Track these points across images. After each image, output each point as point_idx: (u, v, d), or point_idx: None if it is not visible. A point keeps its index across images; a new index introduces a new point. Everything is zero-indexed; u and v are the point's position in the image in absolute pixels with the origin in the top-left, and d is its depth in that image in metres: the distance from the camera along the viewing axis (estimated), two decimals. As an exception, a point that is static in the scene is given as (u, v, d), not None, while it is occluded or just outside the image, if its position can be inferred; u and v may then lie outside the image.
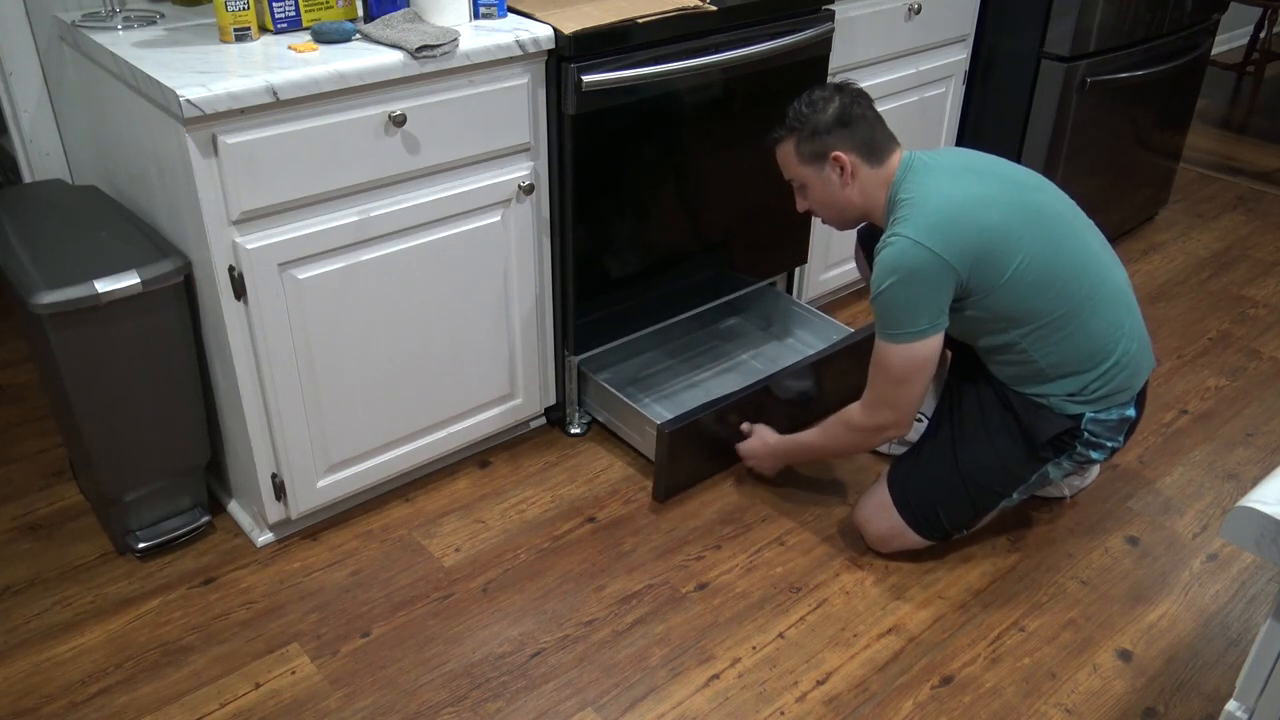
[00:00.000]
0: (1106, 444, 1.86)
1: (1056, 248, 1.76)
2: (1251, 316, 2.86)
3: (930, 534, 1.94)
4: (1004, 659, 1.79)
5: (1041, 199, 1.80)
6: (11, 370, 2.52)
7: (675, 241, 2.26)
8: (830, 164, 1.83)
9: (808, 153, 1.85)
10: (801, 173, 1.88)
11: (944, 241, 1.71)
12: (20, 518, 2.06)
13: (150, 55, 1.70)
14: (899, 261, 1.72)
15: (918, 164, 1.81)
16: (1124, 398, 1.84)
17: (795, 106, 1.86)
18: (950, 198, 1.74)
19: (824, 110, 1.82)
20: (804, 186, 1.90)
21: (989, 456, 1.88)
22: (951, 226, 1.72)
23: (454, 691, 1.71)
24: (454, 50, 1.77)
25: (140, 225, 1.85)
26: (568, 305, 2.16)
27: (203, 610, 1.86)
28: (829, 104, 1.82)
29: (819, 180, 1.87)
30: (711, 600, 1.90)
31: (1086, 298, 1.78)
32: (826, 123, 1.82)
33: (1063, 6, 2.66)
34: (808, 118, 1.83)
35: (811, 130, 1.83)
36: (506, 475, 2.22)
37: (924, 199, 1.75)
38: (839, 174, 1.84)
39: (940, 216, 1.72)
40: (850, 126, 1.82)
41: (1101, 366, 1.80)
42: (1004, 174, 1.82)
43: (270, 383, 1.81)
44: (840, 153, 1.82)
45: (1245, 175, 3.81)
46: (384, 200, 1.82)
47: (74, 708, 1.67)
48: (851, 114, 1.82)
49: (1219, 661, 1.79)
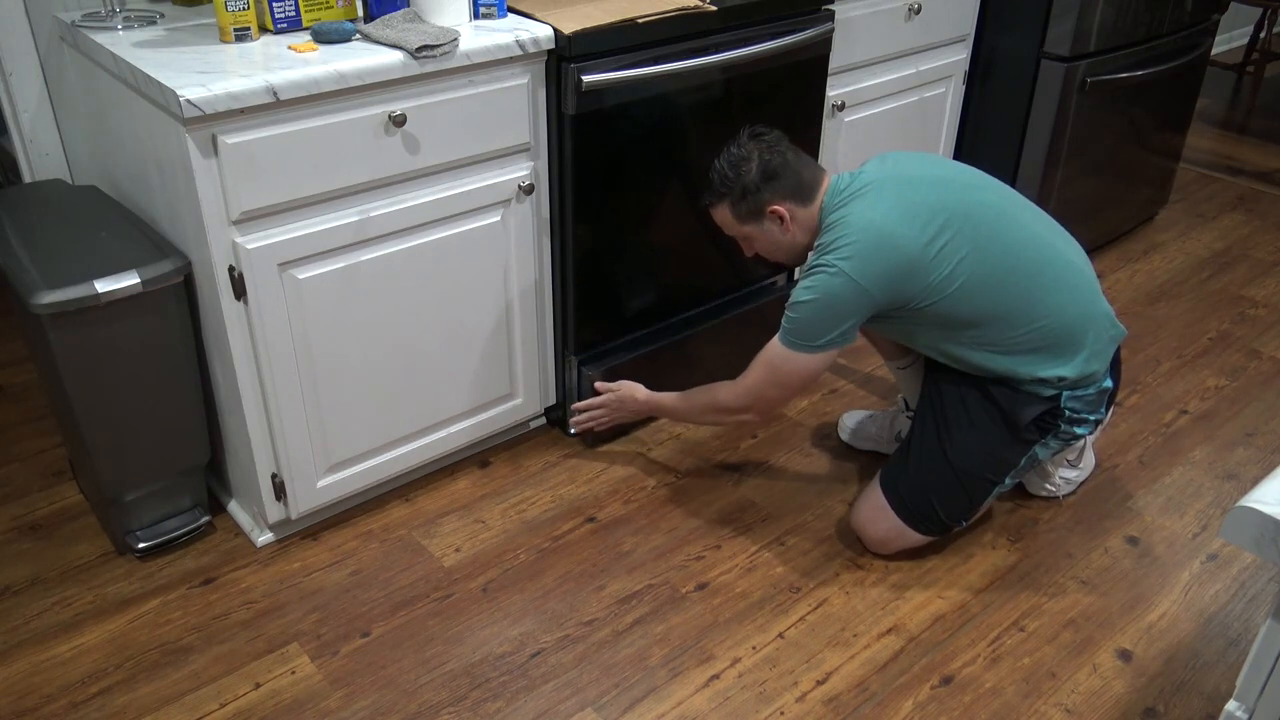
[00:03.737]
0: (1089, 418, 1.91)
1: (990, 244, 1.79)
2: (1251, 316, 2.86)
3: (929, 529, 1.95)
4: (1004, 659, 1.79)
5: (974, 197, 1.82)
6: (11, 370, 2.52)
7: (675, 241, 2.26)
8: (769, 218, 1.88)
9: (744, 212, 1.89)
10: (743, 230, 1.93)
11: (863, 268, 1.75)
12: (20, 518, 2.06)
13: (150, 55, 1.70)
14: (819, 286, 1.78)
15: (842, 187, 1.85)
16: (1099, 375, 1.88)
17: (719, 169, 1.88)
18: (870, 223, 1.77)
19: (748, 171, 1.85)
20: (748, 239, 1.95)
21: (976, 445, 1.91)
22: (873, 252, 1.76)
23: (454, 691, 1.71)
24: (454, 50, 1.77)
25: (140, 225, 1.85)
26: (568, 305, 2.16)
27: (203, 610, 1.86)
28: (749, 163, 1.85)
29: (761, 233, 1.92)
30: (711, 600, 1.90)
31: (1036, 286, 1.81)
32: (754, 181, 1.85)
33: (1063, 7, 2.66)
34: (735, 181, 1.86)
35: (742, 191, 1.86)
36: (506, 475, 2.22)
37: (845, 224, 1.79)
38: (779, 224, 1.89)
39: (862, 242, 1.76)
40: (777, 178, 1.85)
41: (1073, 356, 1.84)
42: (934, 176, 1.84)
43: (270, 383, 1.81)
44: (775, 205, 1.86)
45: (1245, 175, 3.81)
46: (384, 200, 1.82)
47: (74, 708, 1.67)
48: (773, 166, 1.85)
49: (1219, 661, 1.79)
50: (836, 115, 2.50)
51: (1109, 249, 3.23)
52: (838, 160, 2.56)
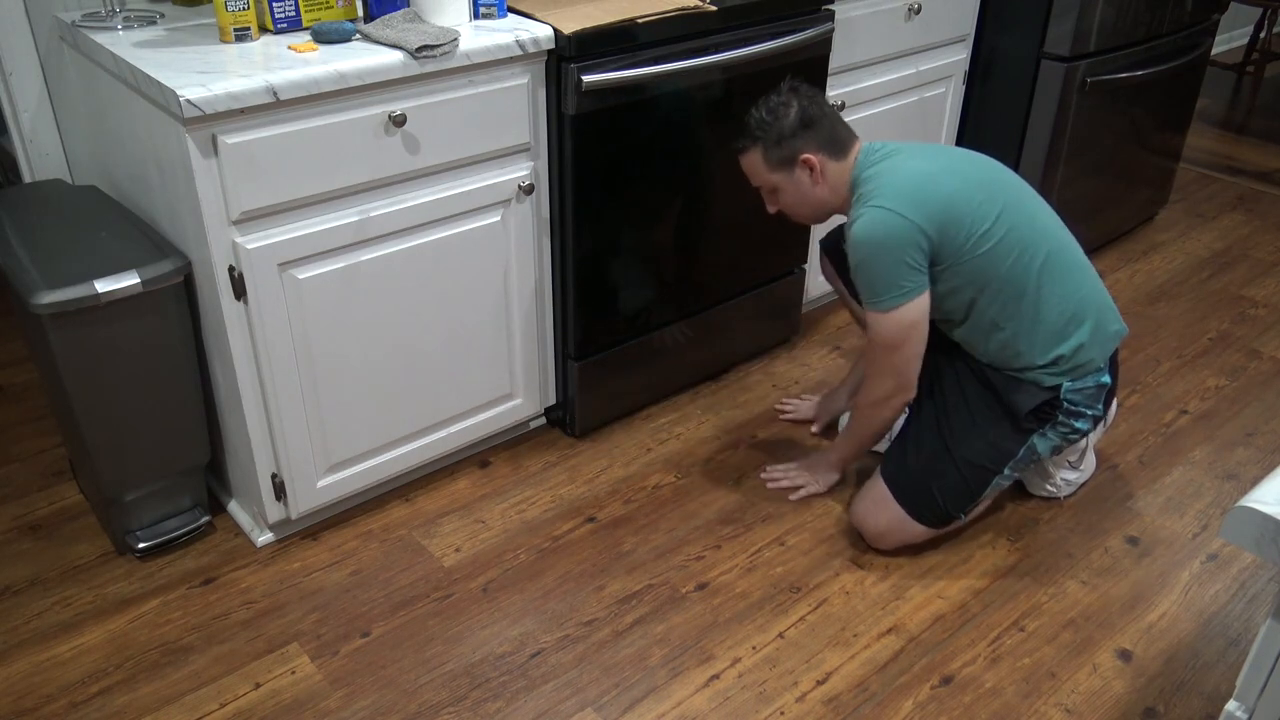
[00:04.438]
0: (1087, 412, 1.92)
1: (1017, 215, 1.84)
2: (1251, 316, 2.86)
3: (930, 520, 1.95)
4: (1004, 659, 1.79)
5: (999, 176, 1.89)
6: (11, 370, 2.52)
7: (675, 241, 2.26)
8: (800, 166, 1.88)
9: (776, 159, 1.89)
10: (772, 179, 1.92)
11: (911, 206, 1.77)
12: (20, 518, 2.06)
13: (150, 55, 1.70)
14: (871, 230, 1.78)
15: (875, 149, 1.89)
16: (1099, 363, 1.90)
17: (756, 115, 1.88)
18: (913, 170, 1.82)
19: (786, 115, 1.85)
20: (775, 191, 1.95)
21: (975, 433, 1.93)
22: (917, 193, 1.79)
23: (454, 691, 1.71)
24: (454, 50, 1.77)
25: (140, 225, 1.85)
26: (568, 305, 2.16)
27: (203, 610, 1.86)
28: (789, 108, 1.86)
29: (790, 183, 1.91)
30: (711, 600, 1.90)
31: (1054, 264, 1.86)
32: (791, 126, 1.85)
33: (1063, 7, 2.66)
34: (771, 125, 1.87)
35: (777, 136, 1.87)
36: (506, 475, 2.22)
37: (886, 174, 1.82)
38: (809, 174, 1.89)
39: (905, 184, 1.80)
40: (814, 127, 1.86)
41: (1077, 336, 1.87)
42: (959, 154, 1.90)
43: (270, 383, 1.81)
44: (809, 154, 1.87)
45: (1245, 175, 3.81)
46: (384, 200, 1.82)
47: (74, 708, 1.67)
48: (812, 114, 1.86)
49: (1219, 661, 1.79)
50: (836, 115, 2.50)
51: (1109, 249, 3.23)
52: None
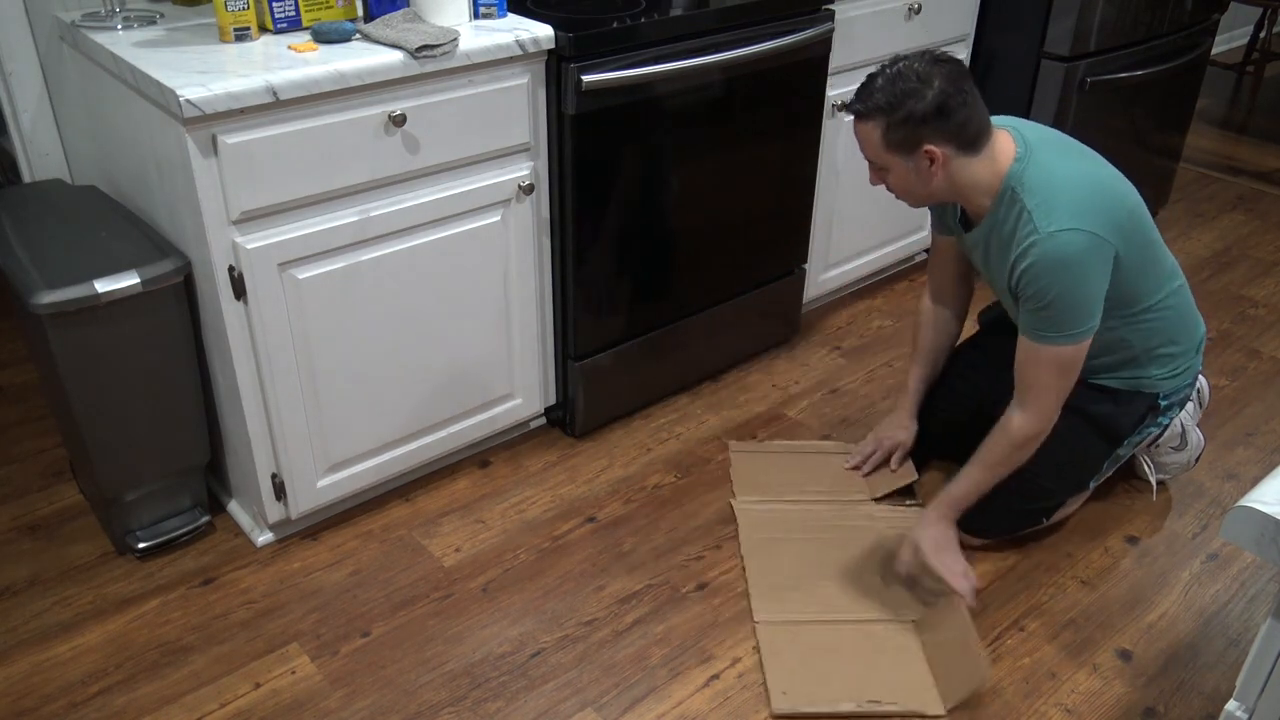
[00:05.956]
0: (1176, 405, 1.92)
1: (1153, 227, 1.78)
2: (1251, 316, 2.86)
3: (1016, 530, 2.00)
4: (1004, 659, 1.79)
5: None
6: (11, 370, 2.52)
7: (675, 241, 2.26)
8: (921, 155, 1.66)
9: (895, 140, 1.65)
10: (885, 158, 1.69)
11: (1095, 220, 1.62)
12: (20, 518, 2.06)
13: (150, 55, 1.70)
14: (1065, 254, 1.60)
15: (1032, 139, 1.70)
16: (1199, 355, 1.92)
17: (887, 85, 1.62)
18: (1083, 174, 1.67)
19: (922, 97, 1.60)
20: (884, 169, 1.72)
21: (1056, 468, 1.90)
22: (1099, 202, 1.64)
23: (454, 691, 1.71)
24: (454, 50, 1.77)
25: (140, 225, 1.85)
26: (568, 305, 2.16)
27: (203, 610, 1.86)
28: (928, 88, 1.60)
29: (904, 168, 1.69)
30: (711, 600, 1.90)
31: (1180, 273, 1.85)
32: (924, 111, 1.61)
33: (1063, 6, 2.66)
34: (900, 103, 1.61)
35: (905, 117, 1.62)
36: (506, 475, 2.22)
37: (1055, 183, 1.65)
38: (929, 165, 1.66)
39: (1090, 189, 1.65)
40: (949, 116, 1.61)
41: (1195, 336, 1.88)
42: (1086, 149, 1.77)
43: (270, 383, 1.81)
44: (933, 145, 1.64)
45: (1245, 175, 3.81)
46: (384, 200, 1.82)
47: (74, 708, 1.67)
48: (951, 102, 1.60)
49: (1219, 661, 1.79)
50: (836, 115, 2.50)
51: (1109, 249, 3.23)
52: (838, 160, 2.56)
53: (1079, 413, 1.84)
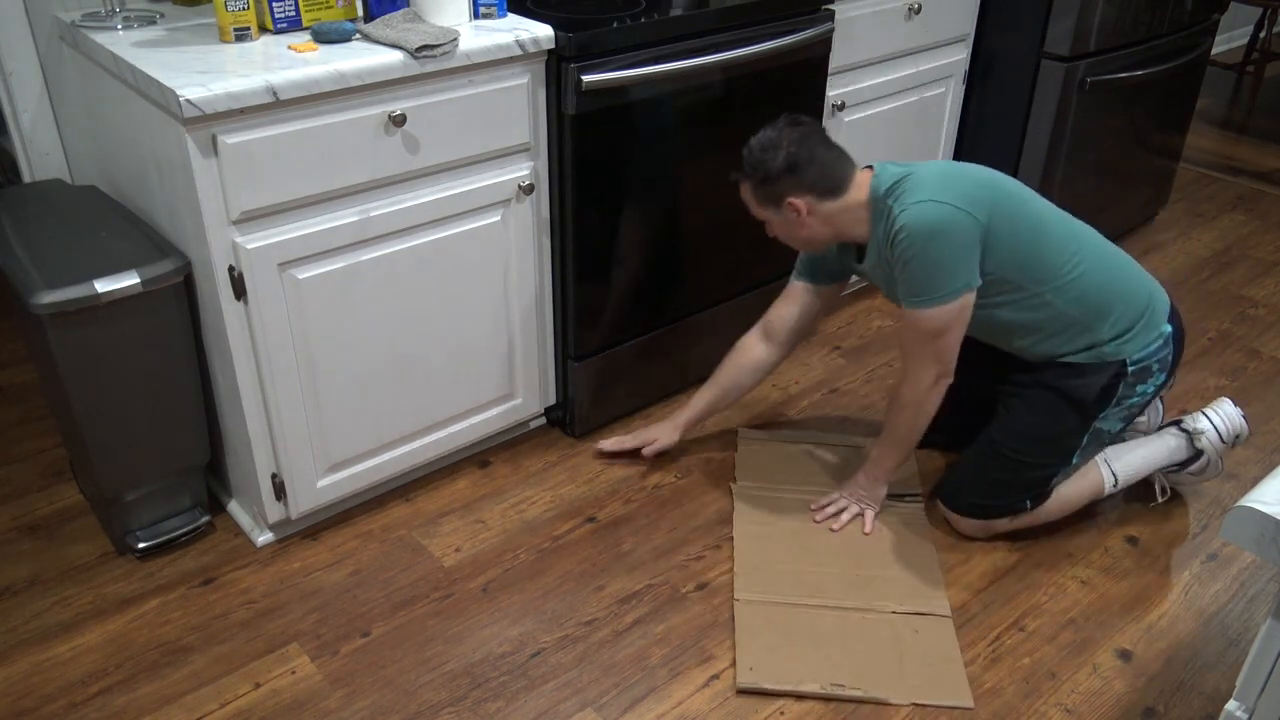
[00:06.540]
0: (1155, 368, 1.91)
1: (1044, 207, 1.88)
2: (1251, 316, 2.86)
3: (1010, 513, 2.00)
4: (1004, 659, 1.79)
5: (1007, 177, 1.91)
6: (11, 370, 2.52)
7: (675, 241, 2.26)
8: (786, 208, 1.87)
9: (762, 196, 1.88)
10: (761, 213, 1.92)
11: (957, 195, 1.76)
12: (20, 518, 2.06)
13: (150, 55, 1.70)
14: (922, 220, 1.75)
15: (892, 166, 1.86)
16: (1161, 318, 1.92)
17: (750, 149, 1.85)
18: (937, 167, 1.83)
19: (773, 158, 1.82)
20: (767, 222, 1.94)
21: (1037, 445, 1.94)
22: (958, 182, 1.78)
23: (454, 691, 1.71)
24: (454, 50, 1.77)
25: (140, 225, 1.85)
26: (568, 305, 2.16)
27: (203, 610, 1.86)
28: (777, 150, 1.82)
29: (779, 220, 1.90)
30: (711, 600, 1.90)
31: (1093, 241, 1.89)
32: (776, 170, 1.82)
33: (1063, 6, 2.66)
34: (759, 164, 1.84)
35: (764, 177, 1.84)
36: (506, 475, 2.22)
37: (919, 175, 1.80)
38: (796, 216, 1.87)
39: (944, 178, 1.79)
40: (799, 172, 1.82)
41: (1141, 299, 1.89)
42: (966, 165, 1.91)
43: (270, 383, 1.81)
44: (793, 198, 1.84)
45: (1245, 175, 3.81)
46: (384, 200, 1.82)
47: (74, 708, 1.67)
48: (798, 159, 1.81)
49: (1219, 661, 1.79)
50: (836, 115, 2.50)
51: (1109, 249, 3.23)
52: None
53: (1050, 388, 1.92)
